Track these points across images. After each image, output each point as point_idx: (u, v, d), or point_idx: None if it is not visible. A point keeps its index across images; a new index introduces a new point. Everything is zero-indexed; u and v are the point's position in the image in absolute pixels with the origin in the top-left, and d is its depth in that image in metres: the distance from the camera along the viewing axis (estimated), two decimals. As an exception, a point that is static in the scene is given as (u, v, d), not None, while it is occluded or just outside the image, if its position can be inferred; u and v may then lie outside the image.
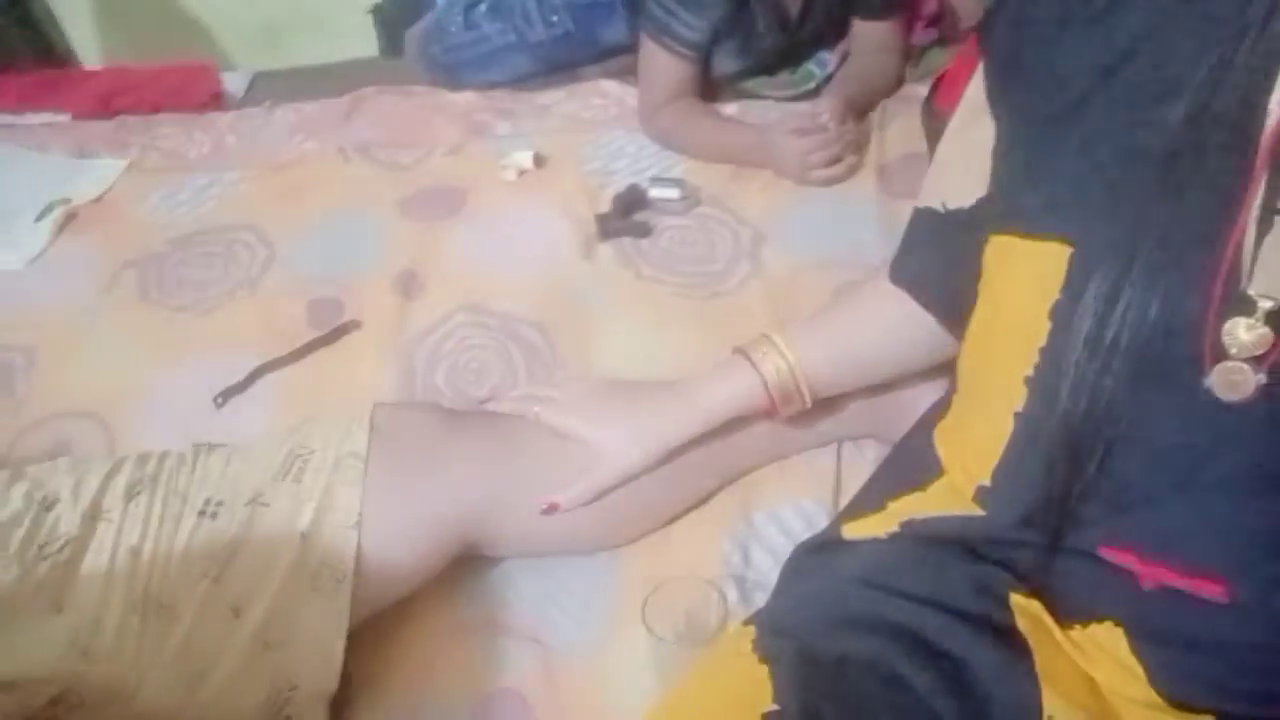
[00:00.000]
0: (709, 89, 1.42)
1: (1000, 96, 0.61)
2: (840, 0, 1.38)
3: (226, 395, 1.02)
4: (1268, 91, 0.46)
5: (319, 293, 1.15)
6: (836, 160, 1.22)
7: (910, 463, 0.68)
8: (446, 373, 1.03)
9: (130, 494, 0.72)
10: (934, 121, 1.20)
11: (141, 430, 0.99)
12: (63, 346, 1.11)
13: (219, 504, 0.72)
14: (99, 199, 1.36)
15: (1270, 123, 0.46)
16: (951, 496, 0.62)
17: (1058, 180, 0.54)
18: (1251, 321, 0.46)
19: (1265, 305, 0.46)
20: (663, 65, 1.33)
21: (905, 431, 0.75)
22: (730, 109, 1.41)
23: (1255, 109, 0.47)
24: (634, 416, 0.81)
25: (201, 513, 0.71)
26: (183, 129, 1.51)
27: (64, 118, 1.60)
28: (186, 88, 1.61)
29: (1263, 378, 0.46)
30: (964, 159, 0.64)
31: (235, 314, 1.14)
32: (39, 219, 1.30)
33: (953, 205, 0.67)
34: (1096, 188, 0.52)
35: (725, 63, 1.41)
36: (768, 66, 1.46)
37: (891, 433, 0.79)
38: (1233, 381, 0.47)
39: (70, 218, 1.32)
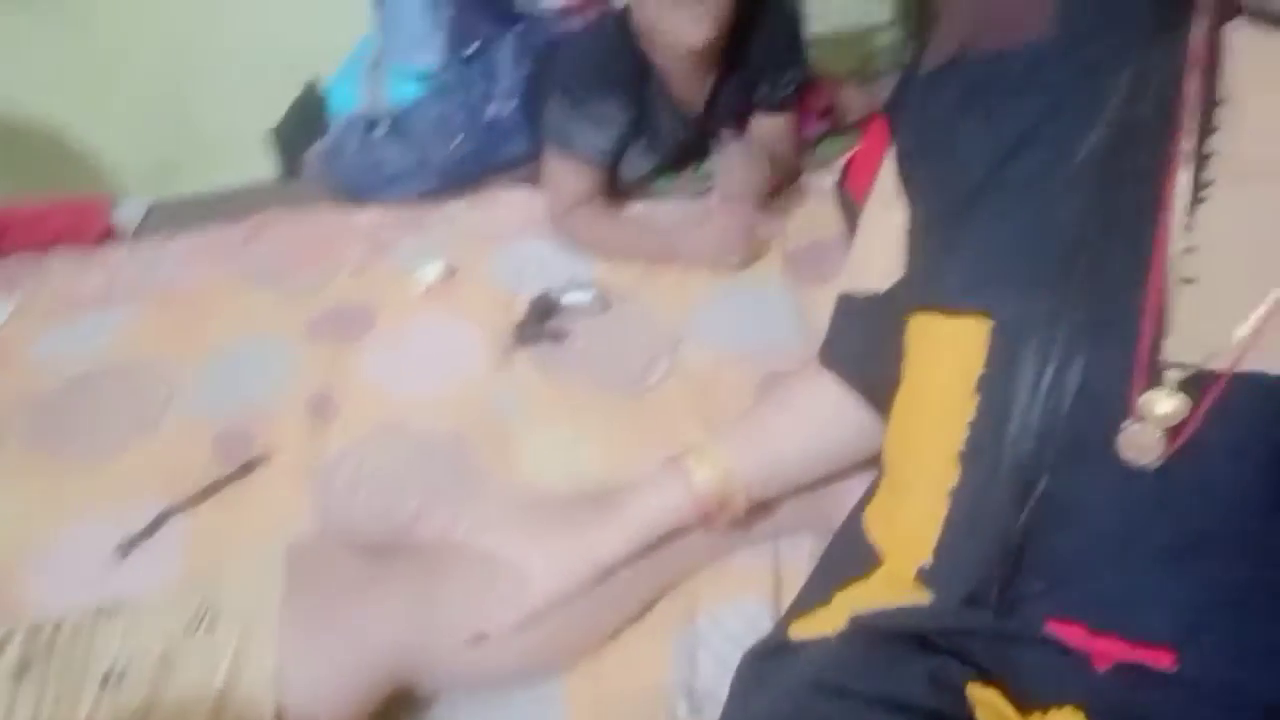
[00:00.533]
0: (614, 187, 1.43)
1: (910, 182, 0.63)
2: (741, 96, 1.42)
3: (130, 545, 0.95)
4: (1168, 143, 0.48)
5: (226, 426, 1.11)
6: (749, 240, 1.24)
7: (849, 552, 0.67)
8: (364, 498, 0.99)
9: (20, 673, 0.66)
10: (846, 205, 1.23)
11: (39, 595, 0.92)
12: (-54, 510, 1.03)
13: (123, 672, 0.66)
14: (-15, 346, 1.29)
15: (1173, 183, 0.48)
16: (895, 583, 0.60)
17: (971, 258, 0.55)
18: (1168, 391, 0.47)
19: (1176, 375, 0.47)
20: (569, 174, 1.34)
21: (840, 521, 0.74)
22: (636, 208, 1.42)
23: (1154, 171, 0.49)
24: (563, 537, 0.78)
25: (103, 683, 0.65)
26: (74, 265, 1.46)
27: (-54, 264, 1.53)
28: (78, 224, 1.56)
29: (1163, 440, 0.47)
30: (880, 243, 0.65)
31: (136, 457, 1.08)
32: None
33: (872, 288, 0.68)
34: (1010, 262, 0.53)
35: (634, 163, 1.44)
36: (675, 163, 1.48)
37: (827, 525, 0.78)
38: (1140, 445, 0.48)
39: (-48, 368, 1.25)
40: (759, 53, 1.32)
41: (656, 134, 1.40)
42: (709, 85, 1.37)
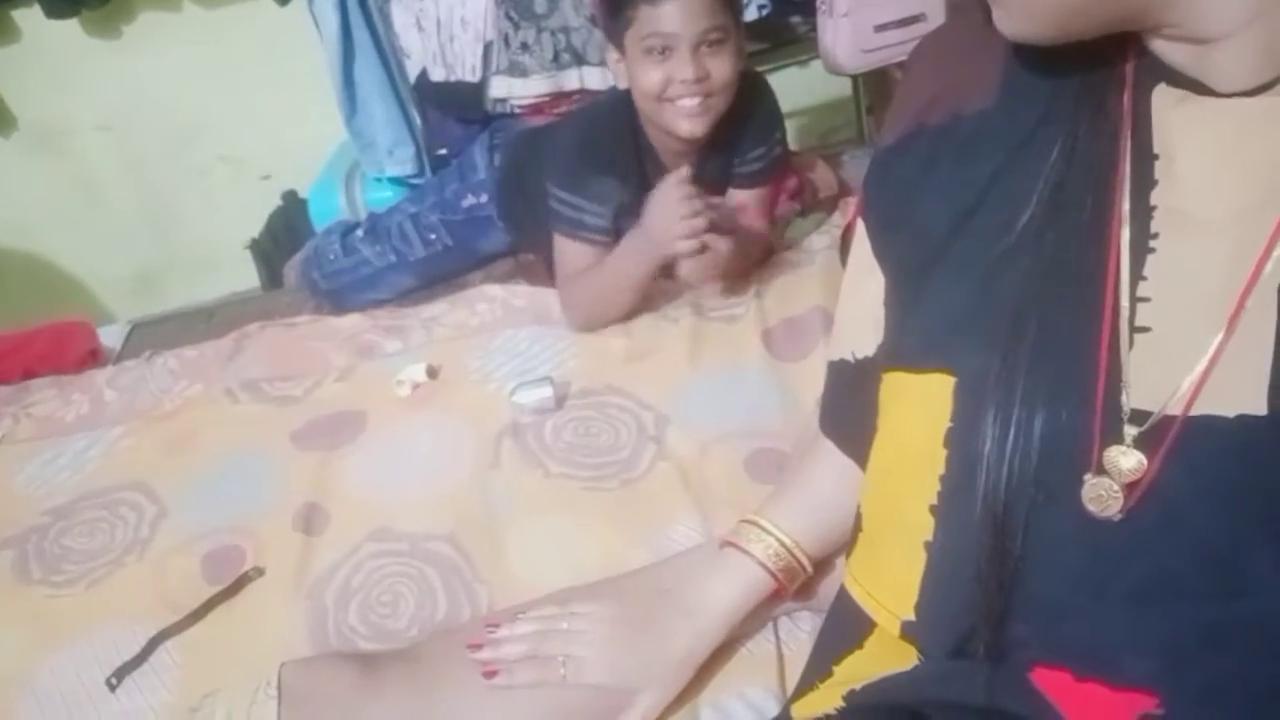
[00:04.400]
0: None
1: (881, 251, 0.65)
2: (725, 169, 1.45)
3: (121, 674, 0.94)
4: (1109, 199, 0.51)
5: (216, 543, 1.10)
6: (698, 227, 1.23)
7: (845, 621, 0.67)
8: (359, 608, 0.98)
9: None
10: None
11: (28, 730, 0.91)
12: (-68, 650, 1.01)
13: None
14: (-31, 479, 1.29)
15: (1118, 237, 0.50)
16: (889, 649, 0.60)
17: (931, 318, 0.57)
18: (1124, 448, 0.49)
19: (1131, 431, 0.49)
20: (580, 256, 1.36)
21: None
22: None
23: (1098, 227, 0.51)
24: (659, 651, 0.78)
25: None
26: (58, 392, 1.46)
27: (-71, 398, 1.53)
28: (60, 349, 1.57)
29: (1122, 494, 0.48)
30: (861, 311, 0.67)
31: (126, 581, 1.07)
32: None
33: (860, 355, 0.69)
34: (965, 322, 0.55)
35: None
36: None
37: (825, 603, 0.78)
38: (1100, 498, 0.49)
39: (-63, 505, 1.24)
40: (741, 129, 1.36)
41: None
42: (696, 159, 1.41)
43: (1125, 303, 0.50)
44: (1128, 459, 0.48)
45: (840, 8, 1.73)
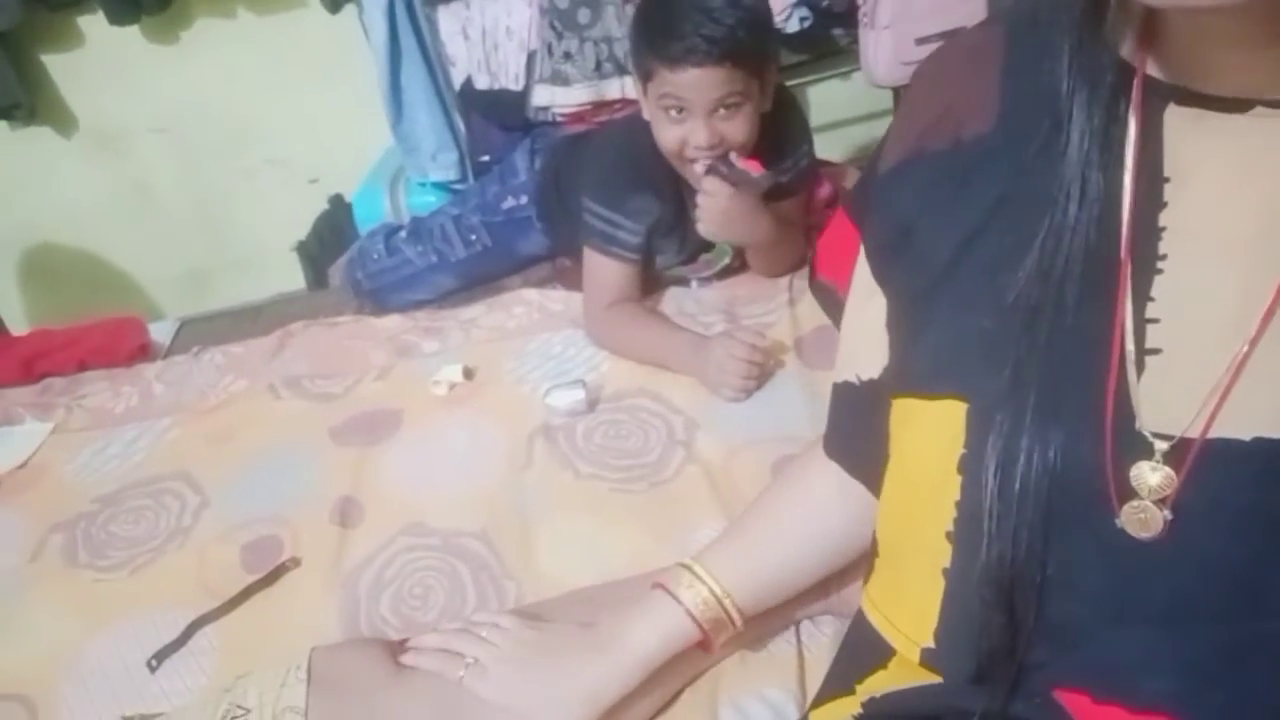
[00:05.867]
0: (649, 282, 1.45)
1: (883, 275, 0.64)
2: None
3: (161, 656, 0.97)
4: (1118, 222, 0.50)
5: (255, 533, 1.13)
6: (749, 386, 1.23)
7: (866, 645, 0.66)
8: (391, 600, 1.01)
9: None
10: (824, 292, 1.24)
11: (72, 708, 0.94)
12: (-15, 628, 1.06)
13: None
14: (24, 465, 1.34)
15: (1127, 260, 0.50)
16: (913, 671, 0.60)
17: (939, 343, 0.56)
18: (1154, 464, 0.48)
19: (1161, 446, 0.48)
20: (610, 271, 1.37)
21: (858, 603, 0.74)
22: (664, 300, 1.45)
23: (1105, 250, 0.50)
24: (562, 681, 0.76)
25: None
26: (109, 384, 1.51)
27: (-14, 388, 1.59)
28: (112, 344, 1.62)
29: (1168, 514, 0.48)
30: (865, 333, 0.67)
31: (168, 567, 1.11)
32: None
33: (865, 377, 0.69)
34: (973, 346, 0.54)
35: (665, 258, 1.47)
36: (696, 252, 1.52)
37: (847, 607, 0.78)
38: (1141, 520, 0.48)
39: (-6, 489, 1.29)
40: (769, 142, 1.36)
41: (688, 228, 1.43)
42: None
43: (1130, 323, 0.49)
44: (1153, 476, 0.48)
45: (882, 20, 1.73)
